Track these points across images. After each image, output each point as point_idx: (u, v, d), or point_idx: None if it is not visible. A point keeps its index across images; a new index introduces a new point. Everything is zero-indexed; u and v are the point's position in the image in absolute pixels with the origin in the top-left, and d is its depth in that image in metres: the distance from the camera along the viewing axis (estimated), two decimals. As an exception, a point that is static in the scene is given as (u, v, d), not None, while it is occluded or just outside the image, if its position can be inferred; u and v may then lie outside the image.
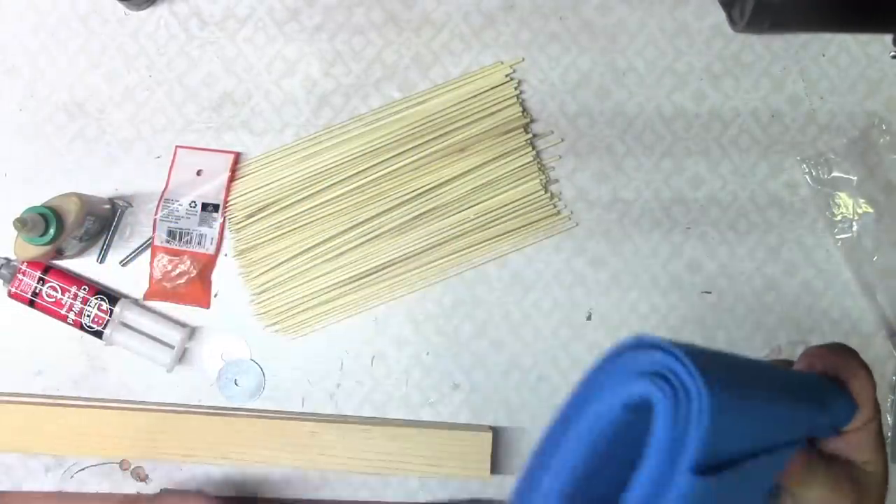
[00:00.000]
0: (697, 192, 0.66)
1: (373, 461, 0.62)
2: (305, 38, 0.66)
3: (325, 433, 0.62)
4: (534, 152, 0.65)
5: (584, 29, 0.66)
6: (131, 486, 0.66)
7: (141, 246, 0.66)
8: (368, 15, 0.66)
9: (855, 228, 0.65)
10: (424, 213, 0.65)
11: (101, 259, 0.66)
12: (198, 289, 0.65)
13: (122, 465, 0.65)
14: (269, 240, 0.65)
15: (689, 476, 0.29)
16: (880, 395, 0.68)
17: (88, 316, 0.64)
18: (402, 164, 0.65)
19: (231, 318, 0.66)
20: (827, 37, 0.66)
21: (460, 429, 0.64)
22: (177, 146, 0.66)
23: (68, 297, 0.64)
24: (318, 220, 0.65)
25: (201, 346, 0.66)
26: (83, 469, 0.66)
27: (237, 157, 0.66)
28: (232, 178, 0.65)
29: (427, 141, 0.65)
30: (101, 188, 0.66)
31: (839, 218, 0.65)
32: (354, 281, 0.65)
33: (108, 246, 0.66)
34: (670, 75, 0.67)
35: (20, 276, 0.64)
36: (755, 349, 0.66)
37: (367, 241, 0.65)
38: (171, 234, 0.65)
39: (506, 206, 0.65)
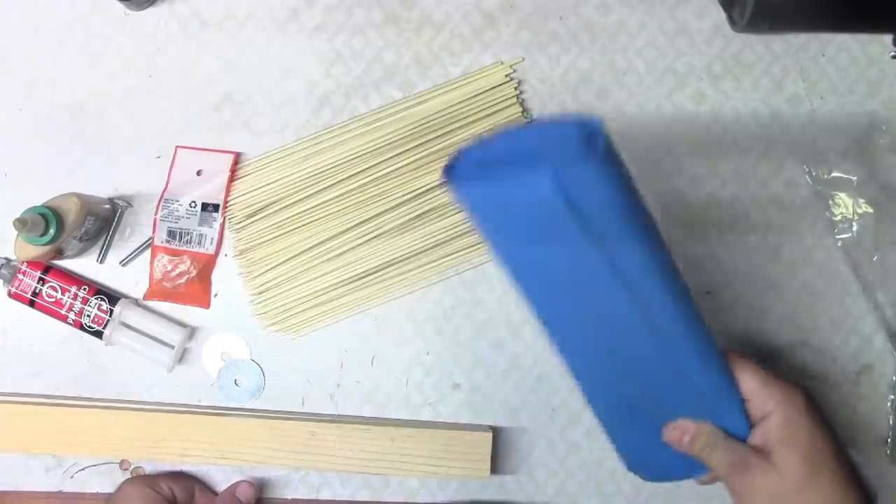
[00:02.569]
0: (697, 192, 0.66)
1: (373, 461, 0.62)
2: (305, 38, 0.66)
3: (325, 434, 0.62)
4: (534, 152, 0.65)
5: (584, 29, 0.66)
6: (131, 486, 0.66)
7: (141, 246, 0.66)
8: (368, 15, 0.66)
9: (855, 228, 0.65)
10: (424, 213, 0.65)
11: (101, 259, 0.66)
12: (198, 289, 0.65)
13: (122, 465, 0.65)
14: (269, 240, 0.65)
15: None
16: (881, 395, 0.68)
17: (88, 316, 0.64)
18: (402, 164, 0.65)
19: (231, 318, 0.66)
20: (827, 37, 0.66)
21: (460, 429, 0.64)
22: (177, 146, 0.66)
23: (68, 297, 0.64)
24: (318, 220, 0.65)
25: (201, 346, 0.66)
26: (83, 469, 0.66)
27: (237, 157, 0.66)
28: (232, 178, 0.65)
29: (427, 141, 0.65)
30: (101, 188, 0.66)
31: (839, 218, 0.65)
32: (354, 281, 0.65)
33: (108, 246, 0.66)
34: (670, 75, 0.67)
35: (20, 276, 0.64)
36: (756, 349, 0.66)
37: (368, 241, 0.65)
38: (171, 234, 0.65)
39: (506, 206, 0.65)
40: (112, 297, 0.64)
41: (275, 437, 0.62)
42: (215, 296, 0.66)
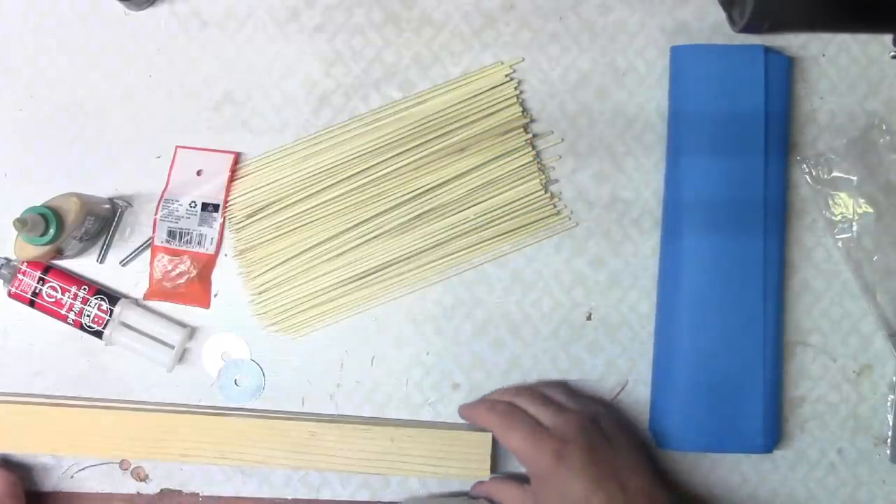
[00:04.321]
0: (697, 192, 0.66)
1: (373, 461, 0.62)
2: (305, 38, 0.66)
3: (325, 434, 0.62)
4: (534, 152, 0.65)
5: (584, 29, 0.66)
6: (131, 486, 0.66)
7: (141, 246, 0.66)
8: (368, 15, 0.66)
9: (855, 228, 0.65)
10: (424, 213, 0.65)
11: (101, 259, 0.66)
12: (198, 289, 0.65)
13: (122, 464, 0.65)
14: (269, 240, 0.65)
15: None
16: (881, 395, 0.68)
17: (88, 316, 0.64)
18: (401, 164, 0.65)
19: (231, 318, 0.66)
20: (827, 37, 0.66)
21: (460, 429, 0.64)
22: (177, 146, 0.66)
23: (68, 297, 0.64)
24: (318, 220, 0.65)
25: (201, 346, 0.66)
26: (83, 469, 0.66)
27: (237, 157, 0.66)
28: (232, 178, 0.65)
29: (427, 141, 0.65)
30: (101, 188, 0.66)
31: (839, 218, 0.65)
32: (354, 281, 0.65)
33: (108, 246, 0.66)
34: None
35: (20, 276, 0.64)
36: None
37: (367, 240, 0.65)
38: (171, 234, 0.65)
39: (506, 206, 0.65)
40: (112, 297, 0.64)
41: (275, 437, 0.62)
42: (215, 296, 0.66)
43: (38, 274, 0.64)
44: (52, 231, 0.59)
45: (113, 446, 0.63)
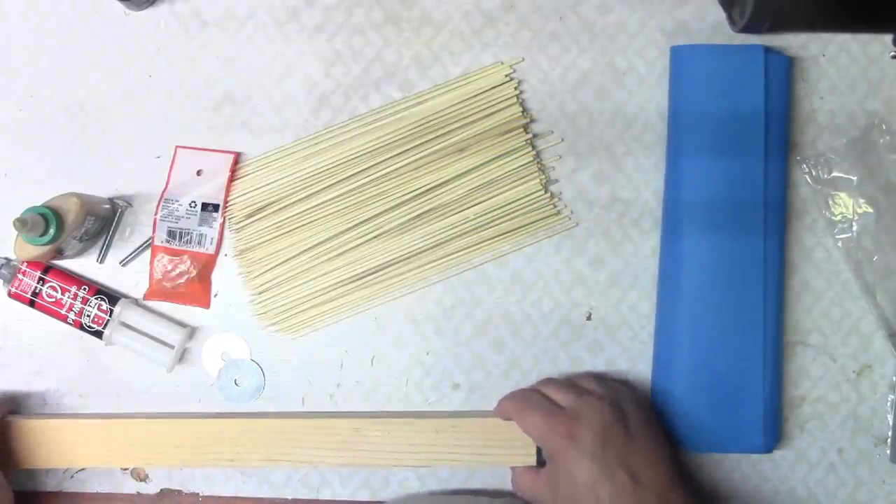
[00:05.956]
0: (697, 192, 0.66)
1: (420, 454, 0.62)
2: (305, 38, 0.66)
3: (370, 429, 0.62)
4: (534, 152, 0.65)
5: (584, 29, 0.66)
6: (131, 487, 0.66)
7: (141, 246, 0.66)
8: (368, 15, 0.66)
9: (855, 228, 0.65)
10: (424, 213, 0.65)
11: (101, 259, 0.66)
12: (198, 289, 0.65)
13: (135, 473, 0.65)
14: (269, 240, 0.65)
15: None
16: (881, 395, 0.68)
17: (88, 316, 0.64)
18: (401, 164, 0.65)
19: (231, 318, 0.66)
20: (827, 37, 0.66)
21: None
22: (177, 146, 0.66)
23: (68, 297, 0.64)
24: (318, 220, 0.65)
25: (201, 346, 0.66)
26: (84, 469, 0.66)
27: (237, 157, 0.66)
28: (232, 178, 0.65)
29: (427, 141, 0.65)
30: (101, 188, 0.66)
31: (839, 218, 0.65)
32: (354, 281, 0.65)
33: (108, 246, 0.66)
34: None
35: (20, 276, 0.64)
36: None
37: (367, 240, 0.65)
38: (171, 234, 0.65)
39: (505, 206, 0.65)
40: (112, 297, 0.64)
41: (319, 437, 0.62)
42: (215, 296, 0.66)
43: (38, 274, 0.64)
44: (52, 231, 0.59)
45: (159, 455, 0.62)
